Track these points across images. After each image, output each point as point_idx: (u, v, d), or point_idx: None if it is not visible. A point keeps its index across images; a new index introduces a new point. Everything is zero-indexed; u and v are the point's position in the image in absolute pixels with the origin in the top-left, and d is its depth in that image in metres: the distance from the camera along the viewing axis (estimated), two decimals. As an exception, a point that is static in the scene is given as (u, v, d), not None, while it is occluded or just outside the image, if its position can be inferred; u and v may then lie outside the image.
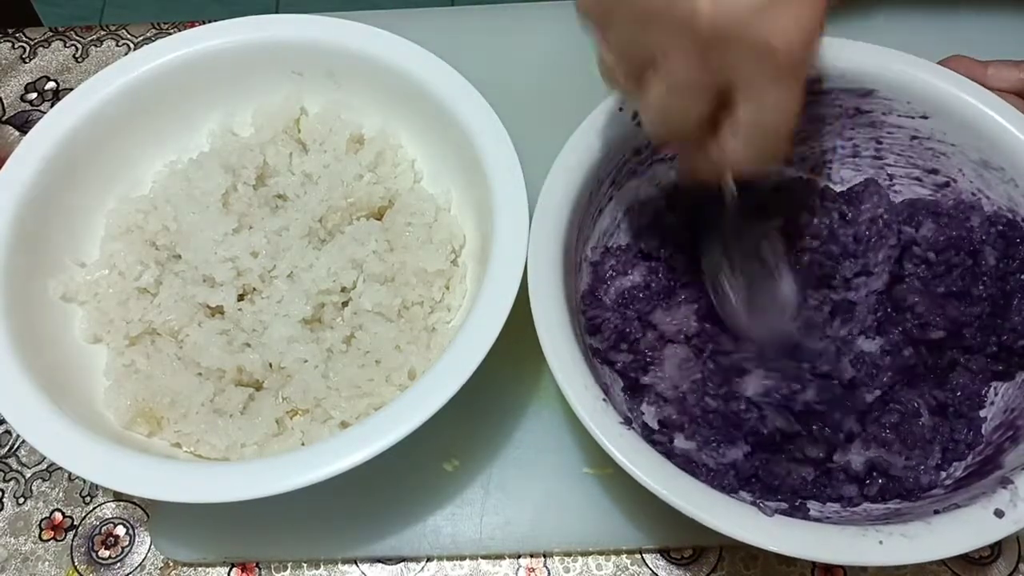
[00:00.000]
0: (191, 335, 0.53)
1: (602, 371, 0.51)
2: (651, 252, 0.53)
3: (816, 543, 0.41)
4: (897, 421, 0.49)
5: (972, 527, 0.41)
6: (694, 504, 0.41)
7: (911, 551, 0.40)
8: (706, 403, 0.49)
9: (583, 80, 0.54)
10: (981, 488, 0.44)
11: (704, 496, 0.42)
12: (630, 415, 0.50)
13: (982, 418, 0.50)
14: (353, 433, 0.46)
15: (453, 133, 0.55)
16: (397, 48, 0.57)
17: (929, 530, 0.41)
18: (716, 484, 0.46)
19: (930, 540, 0.41)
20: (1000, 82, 0.53)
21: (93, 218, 0.57)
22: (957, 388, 0.50)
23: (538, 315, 0.46)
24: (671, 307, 0.52)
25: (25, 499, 0.56)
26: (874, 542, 0.40)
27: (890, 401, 0.49)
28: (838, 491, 0.48)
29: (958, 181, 0.53)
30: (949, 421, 0.50)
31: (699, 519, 0.41)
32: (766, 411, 0.48)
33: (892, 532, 0.41)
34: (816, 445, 0.48)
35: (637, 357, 0.51)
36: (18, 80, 0.70)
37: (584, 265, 0.52)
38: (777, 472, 0.48)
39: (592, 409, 0.44)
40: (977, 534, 0.41)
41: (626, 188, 0.55)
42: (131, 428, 0.51)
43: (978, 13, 0.67)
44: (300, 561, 0.53)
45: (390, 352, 0.52)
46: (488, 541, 0.52)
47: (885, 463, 0.47)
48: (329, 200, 0.56)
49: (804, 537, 0.41)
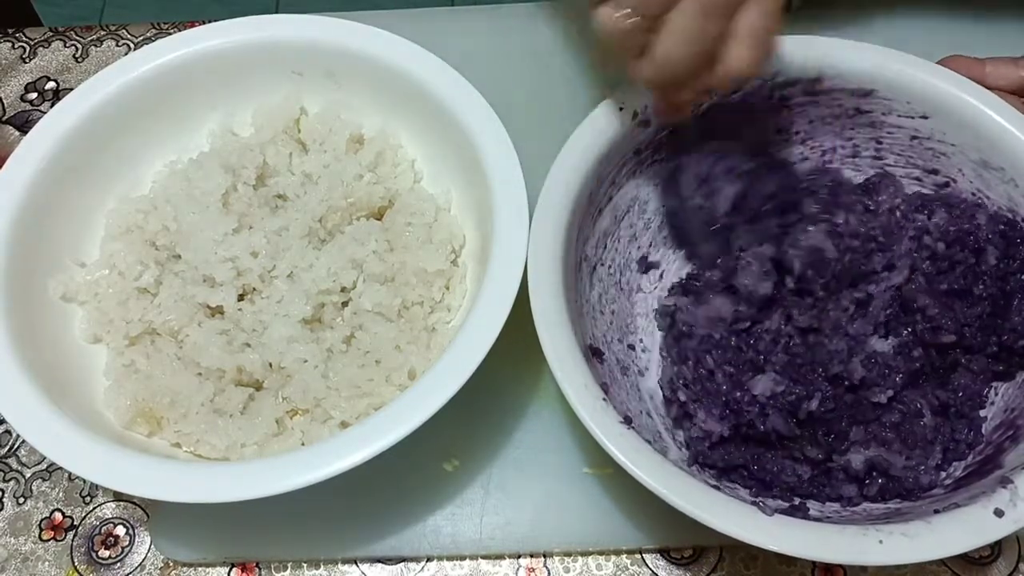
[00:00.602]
0: (191, 335, 0.53)
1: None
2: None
3: (816, 542, 0.41)
4: (898, 421, 0.49)
5: (972, 526, 0.41)
6: (693, 503, 0.41)
7: (911, 550, 0.40)
8: (716, 377, 0.49)
9: (583, 81, 0.54)
10: (981, 488, 0.44)
11: (704, 495, 0.42)
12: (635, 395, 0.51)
13: (982, 418, 0.50)
14: (353, 433, 0.46)
15: (453, 133, 0.55)
16: (397, 48, 0.57)
17: (929, 529, 0.41)
18: (693, 451, 0.48)
19: (930, 539, 0.41)
20: (999, 80, 0.53)
21: (93, 218, 0.57)
22: (959, 388, 0.50)
23: (538, 314, 0.46)
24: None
25: (25, 499, 0.56)
26: (874, 541, 0.41)
27: (893, 400, 0.49)
28: (837, 491, 0.48)
29: (958, 181, 0.53)
30: (950, 421, 0.50)
31: (699, 518, 0.41)
32: (769, 411, 0.48)
33: (892, 531, 0.41)
34: (816, 447, 0.48)
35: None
36: (18, 80, 0.70)
37: (584, 265, 0.52)
38: (769, 468, 0.48)
39: (592, 408, 0.44)
40: (977, 533, 0.41)
41: (626, 188, 0.55)
42: (131, 428, 0.51)
43: (977, 14, 0.67)
44: (300, 561, 0.53)
45: (390, 352, 0.52)
46: (488, 541, 0.52)
47: (885, 463, 0.47)
48: (329, 200, 0.56)
49: (804, 537, 0.41)
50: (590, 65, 0.54)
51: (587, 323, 0.51)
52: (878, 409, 0.49)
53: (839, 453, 0.48)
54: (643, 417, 0.51)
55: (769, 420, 0.47)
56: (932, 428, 0.49)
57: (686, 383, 0.51)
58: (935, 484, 0.48)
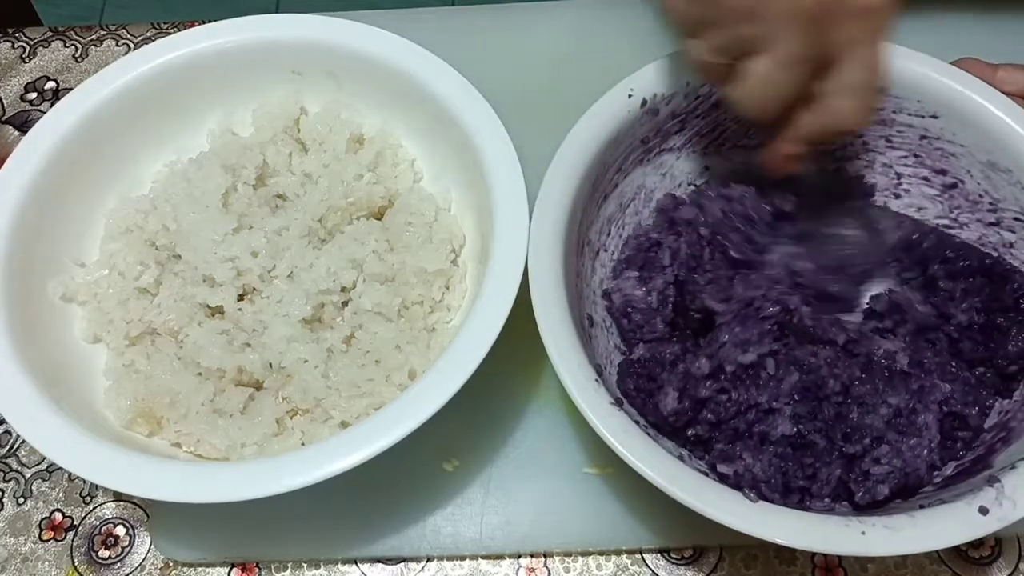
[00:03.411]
0: (191, 335, 0.53)
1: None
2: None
3: (799, 531, 0.41)
4: (891, 418, 0.48)
5: (955, 522, 0.41)
6: (678, 486, 0.42)
7: (892, 543, 0.41)
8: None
9: (583, 80, 0.54)
10: (968, 486, 0.44)
11: (689, 479, 0.42)
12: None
13: (982, 419, 0.50)
14: (353, 433, 0.46)
15: (453, 133, 0.55)
16: (397, 48, 0.57)
17: (912, 523, 0.41)
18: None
19: (912, 533, 0.41)
20: (1010, 85, 0.53)
21: (93, 218, 0.57)
22: (963, 392, 0.50)
23: (536, 292, 0.46)
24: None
25: (25, 499, 0.56)
26: (856, 532, 0.41)
27: (890, 395, 0.49)
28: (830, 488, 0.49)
29: (965, 183, 0.53)
30: (950, 419, 0.50)
31: (684, 502, 0.41)
32: (778, 419, 0.48)
33: (875, 524, 0.41)
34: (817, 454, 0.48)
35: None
36: (18, 80, 0.70)
37: (587, 249, 0.52)
38: (729, 453, 0.48)
39: (584, 388, 0.44)
40: (960, 530, 0.41)
41: (632, 175, 0.55)
42: (131, 428, 0.51)
43: (989, 16, 0.67)
44: (300, 561, 0.53)
45: (390, 352, 0.52)
46: (488, 541, 0.52)
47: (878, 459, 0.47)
48: (329, 200, 0.56)
49: (787, 524, 0.41)
50: (594, 70, 0.55)
51: (587, 305, 0.51)
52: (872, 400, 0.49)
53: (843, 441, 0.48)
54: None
55: (778, 425, 0.47)
56: (930, 425, 0.49)
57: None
58: (927, 483, 0.48)
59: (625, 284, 0.52)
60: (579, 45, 0.67)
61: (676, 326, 0.53)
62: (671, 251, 0.53)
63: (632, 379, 0.50)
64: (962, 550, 0.52)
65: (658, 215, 0.56)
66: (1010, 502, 0.41)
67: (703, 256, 0.52)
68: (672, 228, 0.54)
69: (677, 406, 0.48)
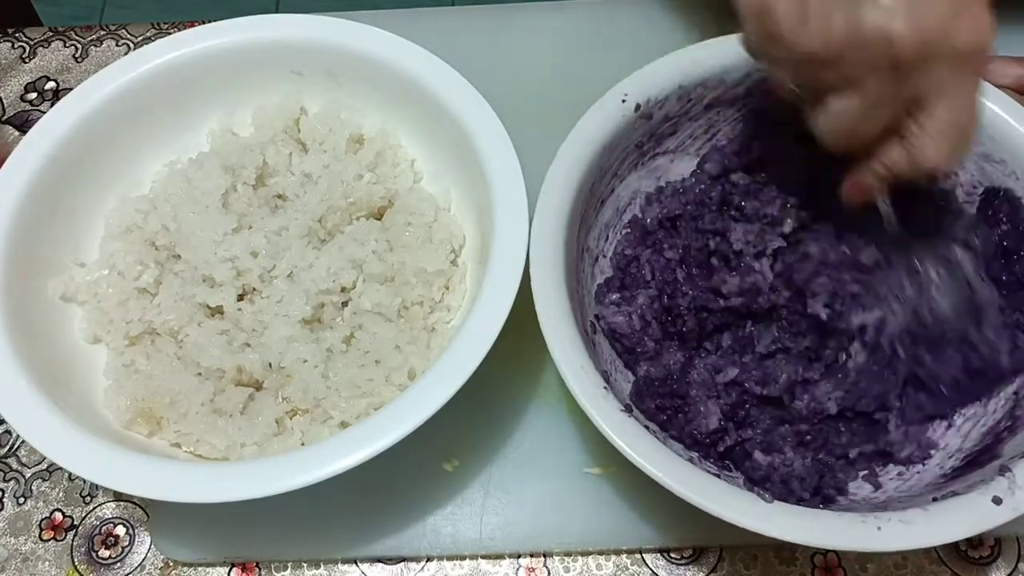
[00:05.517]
0: (191, 335, 0.53)
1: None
2: None
3: (815, 529, 0.41)
4: None
5: (970, 514, 0.41)
6: (691, 488, 0.41)
7: (909, 537, 0.41)
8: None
9: (583, 79, 0.54)
10: (979, 476, 0.44)
11: (701, 481, 0.42)
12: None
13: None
14: (353, 433, 0.46)
15: (453, 133, 0.55)
16: (397, 48, 0.57)
17: (927, 517, 0.41)
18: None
19: (928, 526, 0.41)
20: (1001, 78, 0.54)
21: (93, 218, 0.57)
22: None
23: (540, 302, 0.46)
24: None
25: (25, 499, 0.56)
26: (872, 528, 0.41)
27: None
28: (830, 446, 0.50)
29: (959, 174, 0.53)
30: None
31: (697, 504, 0.41)
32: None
33: (891, 518, 0.41)
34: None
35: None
36: (18, 80, 0.70)
37: (586, 255, 0.52)
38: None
39: (593, 396, 0.44)
40: (975, 520, 0.41)
41: (628, 180, 0.55)
42: (131, 428, 0.51)
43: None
44: (300, 561, 0.53)
45: (390, 352, 0.52)
46: (488, 541, 0.52)
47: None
48: (329, 200, 0.56)
49: (803, 523, 0.41)
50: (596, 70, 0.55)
51: (589, 312, 0.51)
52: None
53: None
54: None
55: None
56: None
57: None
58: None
59: (606, 311, 0.52)
60: (579, 45, 0.67)
61: (671, 336, 0.53)
62: (650, 266, 0.53)
63: (651, 399, 0.50)
64: (961, 550, 0.52)
65: (630, 230, 0.56)
66: (1023, 491, 0.42)
67: (687, 261, 0.53)
68: (645, 241, 0.54)
69: (719, 425, 0.48)
